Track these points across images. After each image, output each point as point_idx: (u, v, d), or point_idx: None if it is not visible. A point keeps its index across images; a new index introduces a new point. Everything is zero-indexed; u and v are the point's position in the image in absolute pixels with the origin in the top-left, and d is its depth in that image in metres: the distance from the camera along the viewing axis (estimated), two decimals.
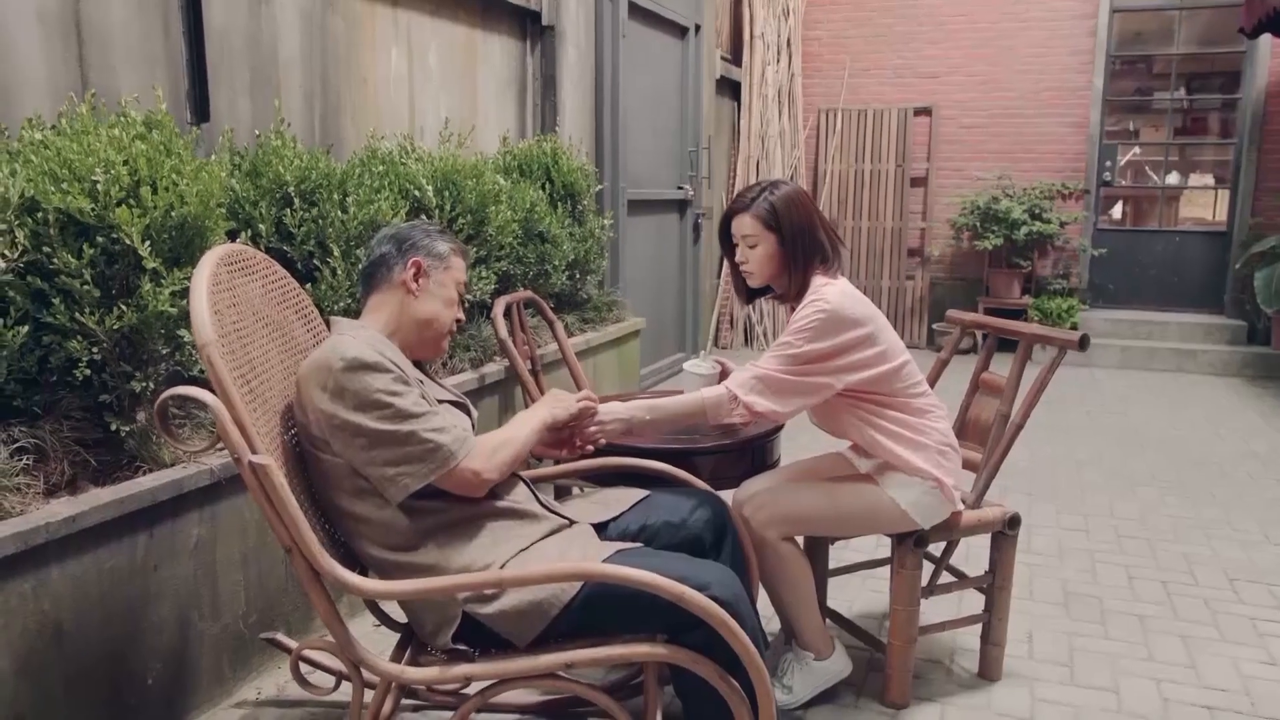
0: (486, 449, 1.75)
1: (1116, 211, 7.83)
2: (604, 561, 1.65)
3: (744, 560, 2.07)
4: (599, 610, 1.66)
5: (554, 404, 1.96)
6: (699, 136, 6.49)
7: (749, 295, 2.35)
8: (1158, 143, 7.61)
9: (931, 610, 2.76)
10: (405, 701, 2.25)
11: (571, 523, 1.88)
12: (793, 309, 2.25)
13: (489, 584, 1.61)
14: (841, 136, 7.80)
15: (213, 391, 1.53)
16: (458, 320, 1.94)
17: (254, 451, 1.54)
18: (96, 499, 1.91)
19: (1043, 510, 3.75)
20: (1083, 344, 2.31)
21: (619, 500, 2.00)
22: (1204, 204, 7.87)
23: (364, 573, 1.80)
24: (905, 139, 7.63)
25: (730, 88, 7.51)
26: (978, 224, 7.20)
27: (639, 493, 2.05)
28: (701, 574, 1.64)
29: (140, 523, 2.01)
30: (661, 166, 6.09)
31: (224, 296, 1.67)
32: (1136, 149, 7.89)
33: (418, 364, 1.96)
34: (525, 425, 1.87)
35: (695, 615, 1.54)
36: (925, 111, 7.62)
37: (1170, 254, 7.41)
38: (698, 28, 6.36)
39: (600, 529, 1.91)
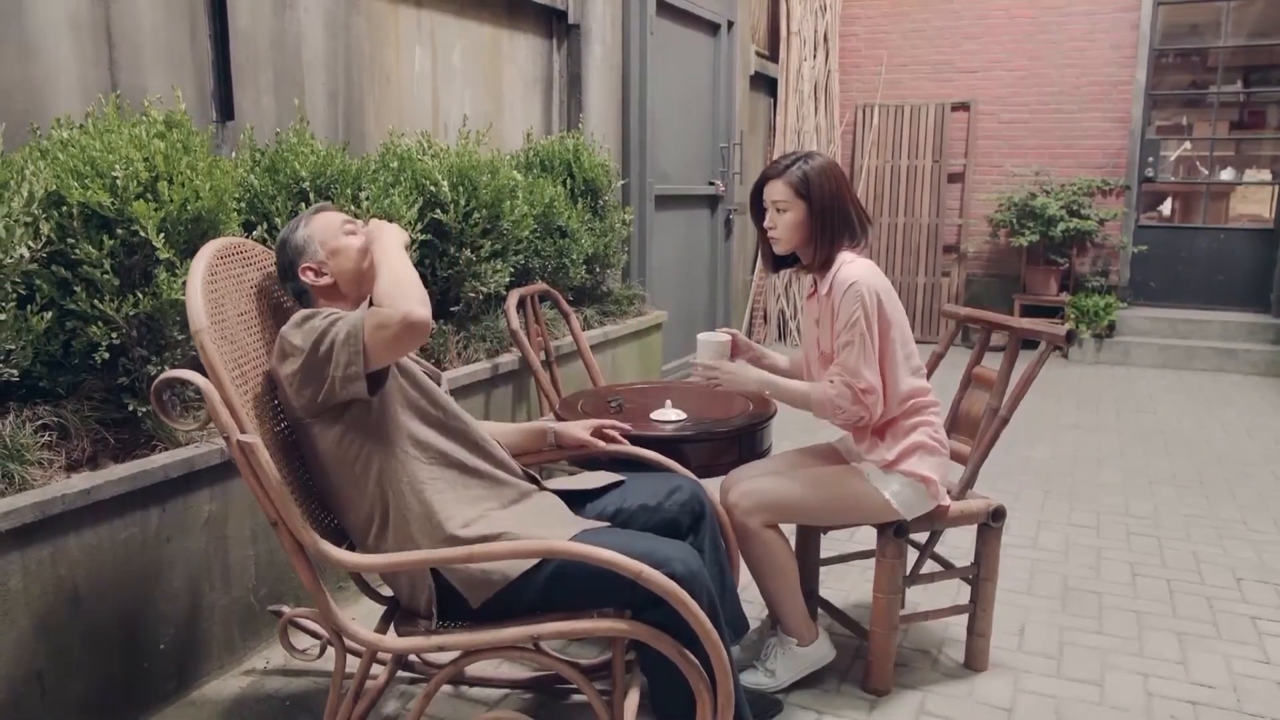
0: (388, 300, 1.68)
1: (1166, 208, 7.68)
2: (570, 540, 1.73)
3: (724, 544, 2.13)
4: (566, 586, 1.74)
5: (386, 228, 1.91)
6: (731, 132, 6.53)
7: (775, 264, 2.41)
8: (1205, 138, 7.44)
9: (929, 600, 2.81)
10: (403, 674, 2.36)
11: (540, 487, 1.98)
12: (814, 280, 2.33)
13: (459, 559, 1.70)
14: (878, 132, 7.78)
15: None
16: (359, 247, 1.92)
17: (242, 431, 1.65)
18: (111, 474, 2.05)
19: (1055, 507, 3.75)
20: (1069, 338, 2.33)
21: (596, 482, 2.08)
22: (1260, 200, 7.65)
23: (351, 548, 1.91)
24: (942, 134, 7.58)
25: (766, 84, 7.53)
26: (1014, 220, 7.13)
27: (614, 476, 2.12)
28: (663, 551, 1.71)
29: (153, 497, 2.14)
30: (691, 162, 6.15)
31: (221, 286, 1.78)
32: (1187, 144, 7.73)
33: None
34: (393, 254, 1.80)
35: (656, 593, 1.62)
36: (963, 107, 7.57)
37: (1215, 251, 7.25)
38: (730, 24, 6.40)
39: (578, 508, 2.00)
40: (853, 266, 2.21)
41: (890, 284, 2.26)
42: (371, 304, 1.75)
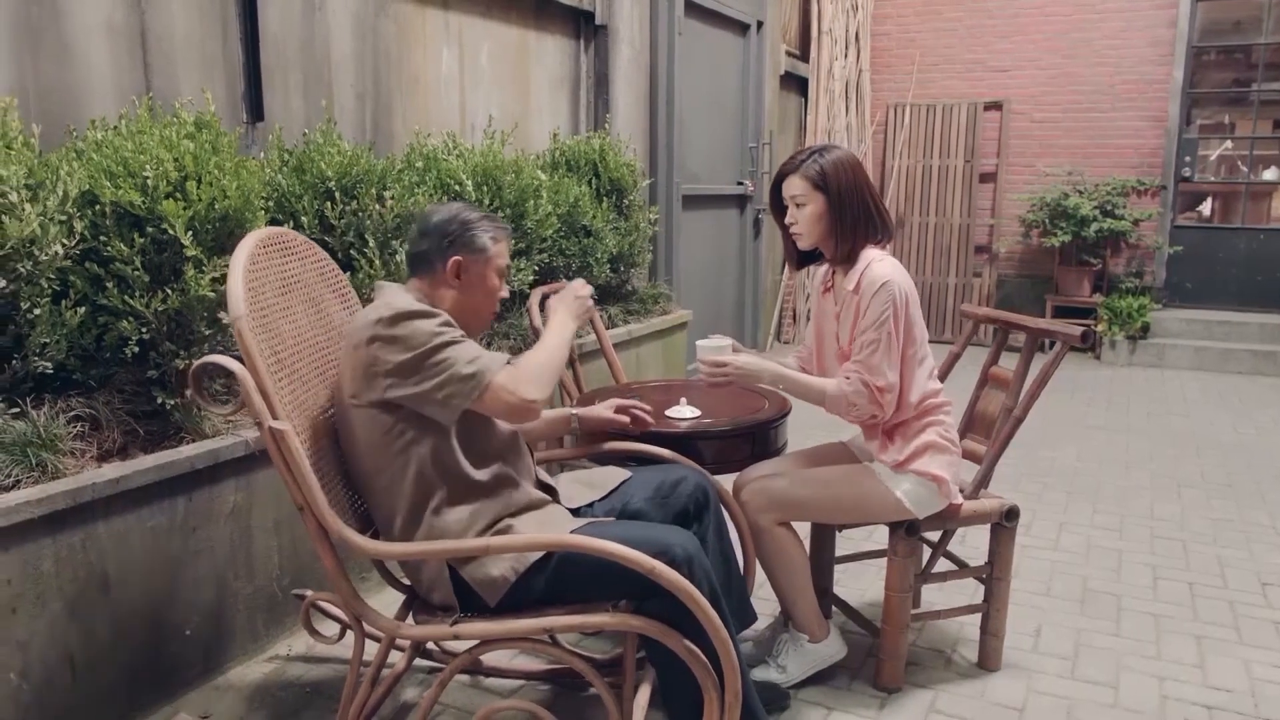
0: (525, 375, 1.82)
1: (1205, 208, 7.55)
2: (572, 531, 1.78)
3: (728, 535, 2.17)
4: (572, 578, 1.78)
5: (574, 308, 2.03)
6: (760, 132, 6.54)
7: (799, 260, 2.41)
8: (1245, 136, 7.31)
9: (947, 600, 2.81)
10: (422, 663, 2.41)
11: (554, 498, 2.02)
12: (830, 273, 2.34)
13: (475, 550, 1.74)
14: (910, 131, 7.74)
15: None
16: (501, 297, 2.01)
17: (274, 417, 1.69)
18: (140, 464, 2.12)
19: (1079, 509, 3.72)
20: (1084, 339, 2.33)
21: (604, 481, 2.13)
22: None
23: (376, 535, 1.95)
24: (974, 134, 7.52)
25: (797, 83, 7.52)
26: (1046, 220, 7.06)
27: (624, 473, 2.17)
28: (662, 538, 1.76)
29: (180, 487, 2.21)
30: (720, 162, 6.16)
31: (261, 275, 1.80)
32: (1228, 143, 7.60)
33: None
34: (558, 340, 1.94)
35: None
36: (995, 106, 7.50)
37: (1255, 252, 7.12)
38: (760, 24, 6.41)
39: (587, 508, 2.04)
40: (883, 265, 2.21)
41: (914, 285, 2.27)
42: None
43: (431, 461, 1.83)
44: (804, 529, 2.49)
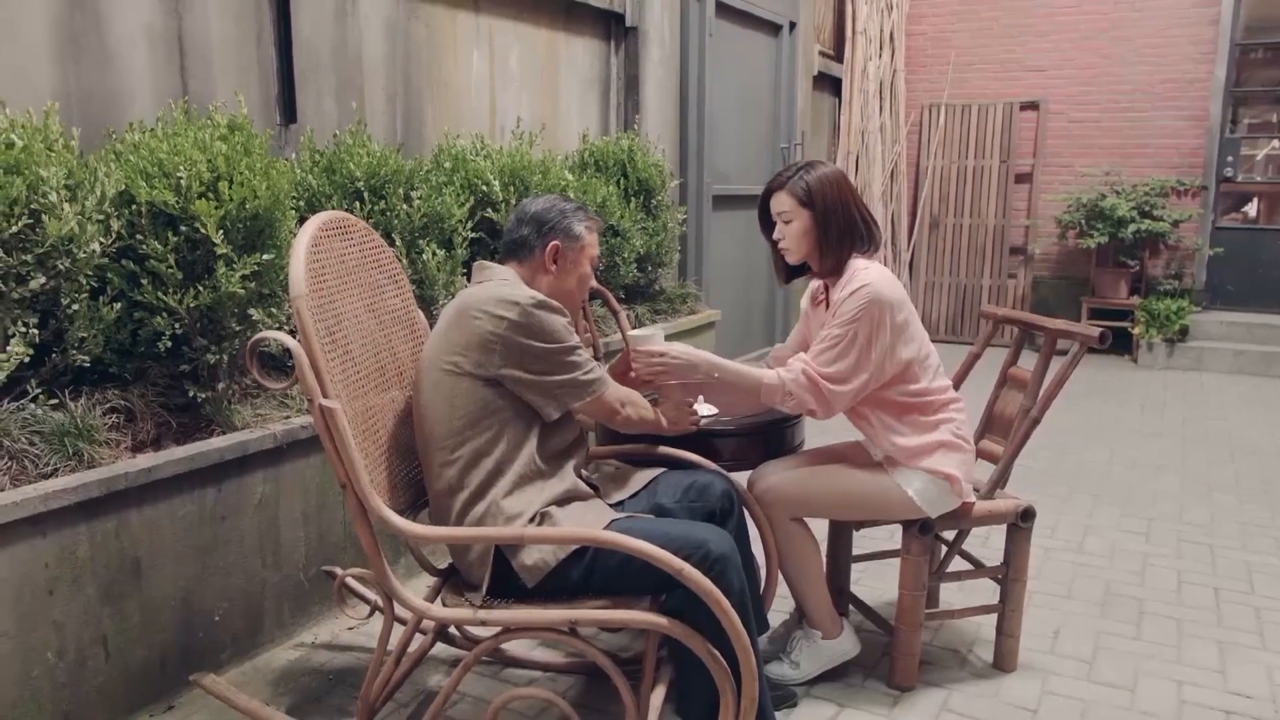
0: (634, 397, 2.07)
1: (1251, 209, 7.41)
2: (609, 523, 1.84)
3: (746, 539, 2.20)
4: (606, 570, 1.83)
5: (673, 416, 2.21)
6: (792, 133, 6.54)
7: (788, 274, 2.43)
8: None
9: (966, 600, 2.81)
10: (447, 652, 2.47)
11: (595, 489, 2.09)
12: (827, 288, 2.35)
13: (512, 540, 1.80)
14: (944, 132, 7.68)
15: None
16: (590, 286, 2.15)
17: (325, 395, 1.72)
18: (171, 455, 2.20)
19: (1106, 512, 3.69)
20: (1102, 339, 2.32)
21: (636, 480, 2.18)
22: None
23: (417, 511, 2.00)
24: (1010, 134, 7.45)
25: (831, 84, 7.51)
26: (1083, 221, 6.98)
27: (654, 470, 2.22)
28: (698, 534, 1.81)
29: (209, 478, 2.28)
30: (751, 162, 6.18)
31: (322, 257, 1.84)
32: (1275, 142, 7.45)
33: None
34: (651, 412, 2.14)
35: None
36: (1032, 106, 7.42)
37: None
38: (792, 25, 6.41)
39: (618, 505, 2.09)
40: (867, 273, 2.22)
41: (904, 290, 2.26)
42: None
43: (518, 443, 1.90)
44: (821, 529, 2.51)
